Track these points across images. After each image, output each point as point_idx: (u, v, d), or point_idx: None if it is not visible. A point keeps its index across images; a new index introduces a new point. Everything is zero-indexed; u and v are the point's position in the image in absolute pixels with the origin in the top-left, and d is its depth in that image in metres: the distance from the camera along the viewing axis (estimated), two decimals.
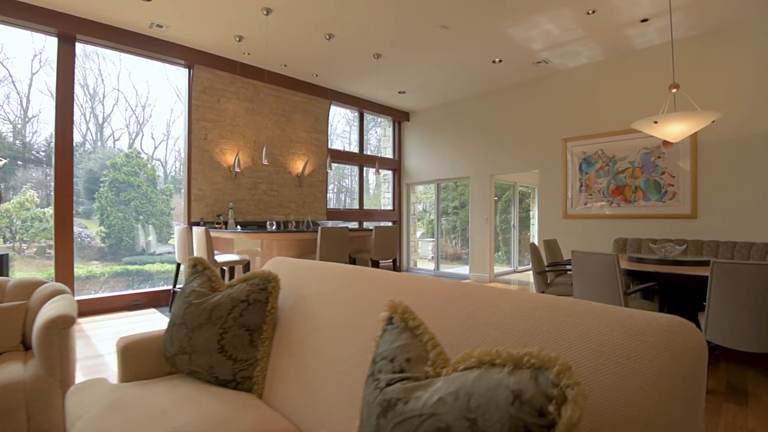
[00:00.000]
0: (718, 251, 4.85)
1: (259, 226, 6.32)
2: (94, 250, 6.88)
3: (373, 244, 4.94)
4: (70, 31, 4.80)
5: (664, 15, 4.56)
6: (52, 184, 4.84)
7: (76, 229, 6.40)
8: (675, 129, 3.82)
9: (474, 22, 4.81)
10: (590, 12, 4.54)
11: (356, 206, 8.42)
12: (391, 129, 9.08)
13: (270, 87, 6.56)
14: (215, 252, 5.15)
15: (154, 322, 4.56)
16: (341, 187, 9.46)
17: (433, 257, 11.65)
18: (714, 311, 2.64)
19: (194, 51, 5.71)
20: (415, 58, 5.93)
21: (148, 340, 1.88)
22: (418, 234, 11.32)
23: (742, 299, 2.50)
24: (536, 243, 8.67)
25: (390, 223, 9.07)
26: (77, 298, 5.02)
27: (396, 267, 5.32)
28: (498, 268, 8.71)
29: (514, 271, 8.81)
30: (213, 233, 5.22)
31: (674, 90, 3.93)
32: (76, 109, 4.97)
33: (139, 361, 1.81)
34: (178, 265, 5.04)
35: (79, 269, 5.99)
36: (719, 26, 4.93)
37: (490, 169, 7.40)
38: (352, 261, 5.33)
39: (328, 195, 7.64)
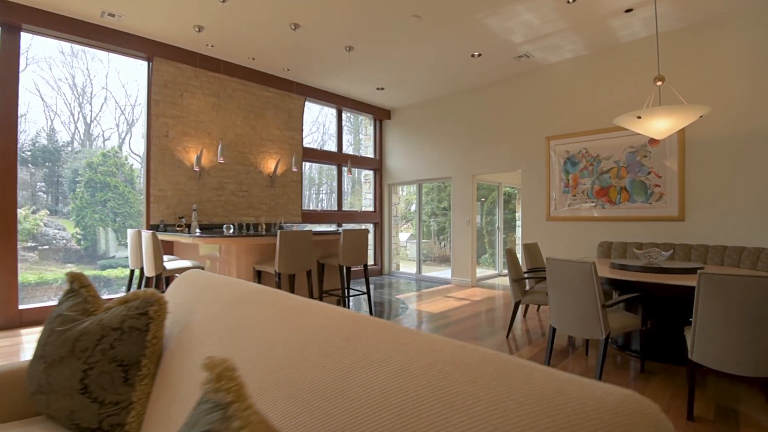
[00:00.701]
0: (707, 256, 4.58)
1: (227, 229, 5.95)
2: (70, 252, 6.54)
3: (341, 249, 4.60)
4: (13, 19, 4.42)
5: (649, 4, 4.28)
6: (40, 184, 4.46)
7: (51, 231, 6.02)
8: (660, 125, 3.53)
9: (448, 11, 4.49)
10: (571, 0, 4.25)
11: (335, 207, 8.07)
12: (372, 128, 8.75)
13: (238, 81, 6.20)
14: (172, 257, 4.79)
15: None
16: (332, 188, 9.13)
17: (423, 260, 11.37)
18: (701, 328, 2.34)
19: (153, 42, 5.34)
20: (389, 51, 5.61)
21: (12, 373, 1.53)
22: (407, 236, 11.02)
23: (733, 315, 2.20)
24: (519, 246, 8.32)
25: (361, 226, 8.74)
26: (22, 307, 4.64)
27: (366, 272, 4.99)
28: (483, 272, 8.41)
29: (499, 275, 8.52)
30: (171, 237, 4.85)
31: (659, 83, 3.64)
32: (64, 108, 4.62)
33: None
34: (132, 271, 4.67)
35: (50, 273, 5.66)
36: (707, 17, 4.65)
37: (472, 169, 7.10)
38: (321, 267, 4.99)
39: (319, 196, 7.30)
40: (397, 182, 8.54)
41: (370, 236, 8.80)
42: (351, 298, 5.59)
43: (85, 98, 6.25)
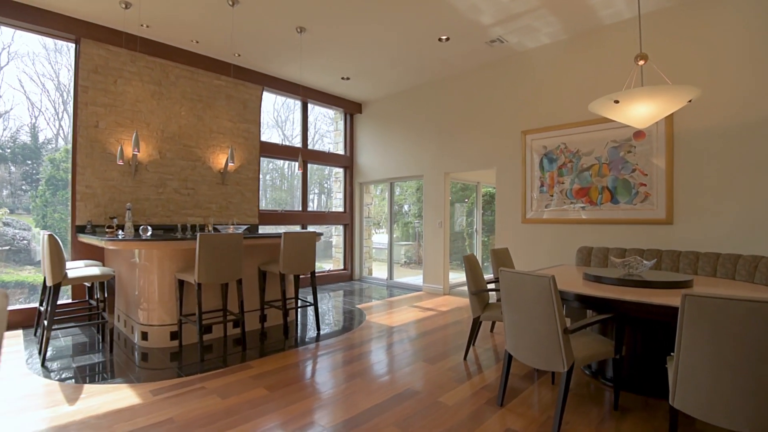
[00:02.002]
0: (698, 265, 4.04)
1: (167, 230, 5.35)
2: (30, 253, 5.96)
3: (282, 255, 4.01)
4: None
5: None
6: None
7: (10, 231, 5.46)
8: (641, 110, 2.97)
9: None
10: None
11: (299, 208, 7.48)
12: (342, 122, 8.17)
13: (182, 68, 5.60)
14: (92, 263, 4.18)
15: None
16: (323, 188, 8.54)
17: (405, 262, 10.78)
18: (686, 366, 1.78)
19: (79, 22, 4.73)
20: (346, 34, 5.03)
21: None
22: (386, 238, 10.42)
23: (726, 352, 1.64)
24: (484, 252, 7.66)
25: (332, 228, 8.16)
26: None
27: (314, 281, 4.38)
28: (459, 278, 7.85)
29: None
30: (88, 240, 4.25)
31: (641, 62, 3.10)
32: (48, 104, 4.07)
33: None
34: (45, 278, 4.06)
35: (5, 275, 5.24)
36: None
37: (445, 167, 6.54)
38: (262, 275, 4.39)
39: (310, 196, 6.70)
40: (369, 181, 7.97)
41: (340, 239, 8.22)
42: (299, 310, 4.99)
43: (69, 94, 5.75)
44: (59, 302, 4.88)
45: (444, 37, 5.07)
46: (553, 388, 2.89)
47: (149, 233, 3.83)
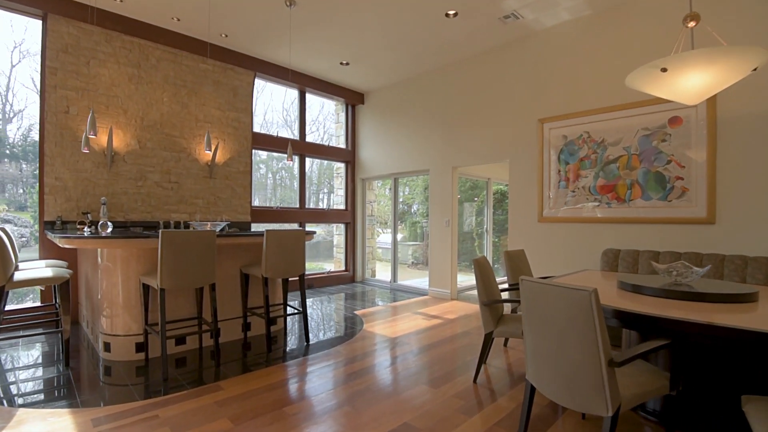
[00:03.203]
0: (746, 271, 3.46)
1: (148, 227, 4.88)
2: (30, 250, 5.61)
3: (265, 255, 3.50)
4: None
5: None
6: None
7: (7, 227, 5.12)
8: (694, 81, 2.41)
9: None
10: None
11: (297, 205, 6.97)
12: (343, 114, 7.65)
13: (164, 49, 5.12)
14: (57, 264, 3.70)
15: None
16: (331, 187, 8.03)
17: (413, 263, 10.23)
18: None
19: None
20: (341, 8, 4.50)
21: None
22: (399, 237, 9.91)
23: None
24: (500, 253, 7.07)
25: (331, 226, 7.64)
26: None
27: (302, 286, 3.86)
28: (468, 281, 7.29)
29: None
30: (55, 237, 3.78)
31: (692, 24, 2.53)
32: None
33: None
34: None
35: None
36: None
37: (453, 161, 5.98)
38: (245, 279, 3.89)
39: (319, 195, 6.22)
40: (371, 176, 7.44)
41: (341, 238, 7.70)
42: (288, 317, 4.48)
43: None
44: (24, 306, 4.44)
45: (452, 12, 4.52)
46: (585, 424, 2.34)
47: (109, 229, 3.34)
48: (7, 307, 4.35)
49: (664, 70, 2.49)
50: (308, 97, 6.99)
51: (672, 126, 4.13)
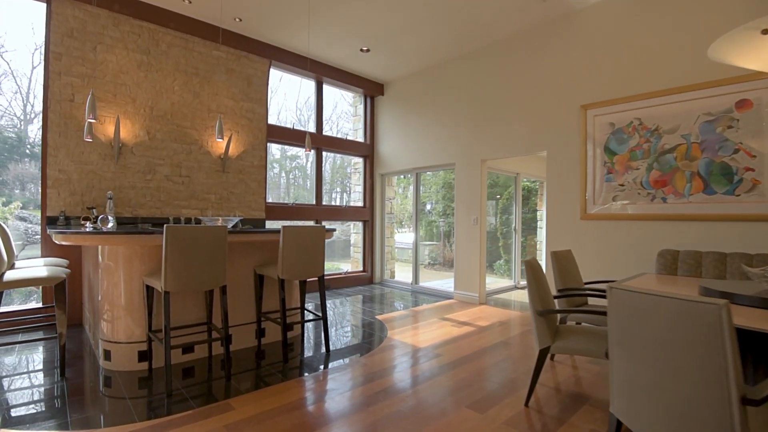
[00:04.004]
0: None
1: (157, 224, 4.57)
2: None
3: (281, 255, 3.12)
4: None
5: None
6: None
7: (23, 225, 5.00)
8: None
9: None
10: None
11: (314, 201, 6.61)
12: (362, 106, 7.26)
13: (174, 34, 4.80)
14: (54, 262, 3.40)
15: None
16: (344, 186, 7.68)
17: (429, 263, 9.79)
18: None
19: None
20: None
21: None
22: (412, 237, 9.50)
23: None
24: (542, 253, 6.63)
25: (348, 224, 7.26)
26: None
27: (322, 287, 3.46)
28: (495, 283, 6.84)
29: (515, 287, 6.91)
30: (52, 234, 3.47)
31: None
32: None
33: None
34: None
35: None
36: None
37: (482, 153, 5.54)
38: (259, 280, 3.52)
39: (333, 195, 5.87)
40: (392, 171, 7.03)
41: (359, 237, 7.32)
42: (305, 322, 4.10)
43: None
44: (26, 307, 4.16)
45: None
46: None
47: (110, 224, 3.00)
48: (8, 309, 4.07)
49: (765, 32, 2.03)
50: (322, 93, 6.61)
51: (740, 110, 3.63)
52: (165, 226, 2.54)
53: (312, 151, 6.52)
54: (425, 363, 3.20)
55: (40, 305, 4.18)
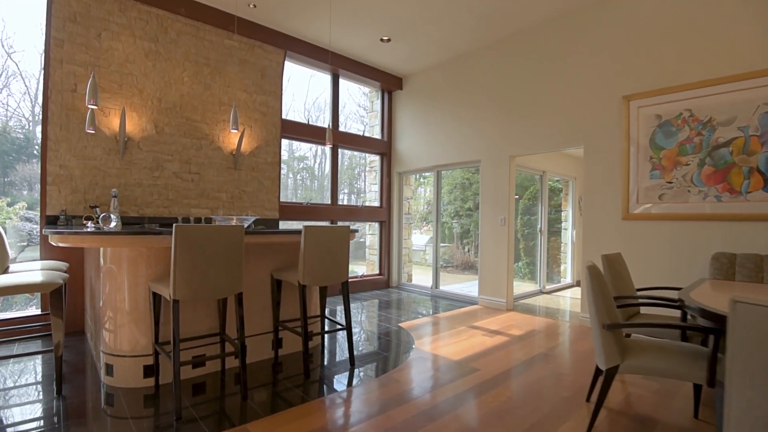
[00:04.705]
0: None
1: (165, 224, 4.27)
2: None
3: (303, 258, 2.80)
4: None
5: None
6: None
7: (28, 226, 4.80)
8: None
9: None
10: None
11: (328, 201, 6.29)
12: (379, 101, 6.94)
13: (185, 22, 4.51)
14: (51, 265, 3.10)
15: None
16: (353, 186, 7.36)
17: (443, 265, 9.47)
18: None
19: None
20: None
21: None
22: (425, 239, 9.19)
23: None
24: (568, 255, 6.28)
25: (366, 225, 6.93)
26: None
27: (346, 293, 3.13)
28: (517, 288, 6.47)
29: (541, 292, 6.55)
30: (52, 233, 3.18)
31: None
32: None
33: None
34: None
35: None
36: None
37: (511, 149, 5.19)
38: (276, 285, 3.20)
39: (339, 196, 5.56)
40: (410, 170, 6.70)
41: (375, 238, 6.99)
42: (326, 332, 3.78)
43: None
44: (24, 314, 3.87)
45: None
46: None
47: (113, 224, 2.70)
48: (4, 316, 3.79)
49: None
50: (338, 86, 6.30)
51: None
52: (174, 225, 2.23)
53: (327, 148, 6.21)
54: (462, 379, 2.86)
55: (38, 312, 3.89)
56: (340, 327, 3.23)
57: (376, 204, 6.95)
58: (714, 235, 3.64)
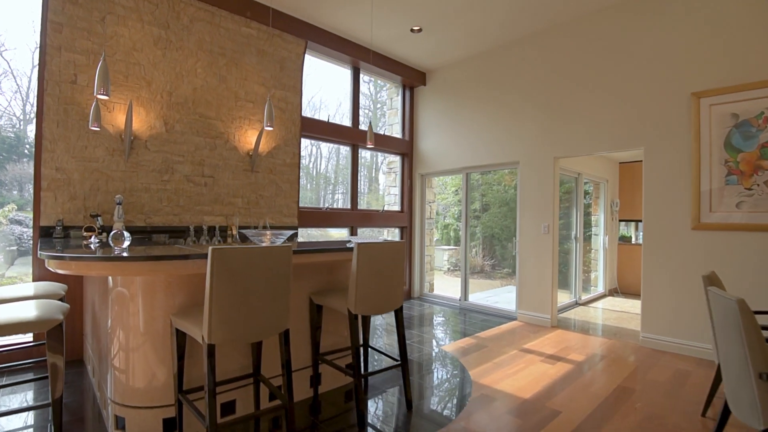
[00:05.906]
0: None
1: (175, 235, 3.77)
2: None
3: (356, 281, 2.32)
4: None
5: None
6: None
7: (18, 229, 4.56)
8: None
9: None
10: None
11: (348, 206, 5.81)
12: (399, 97, 6.47)
13: (198, 6, 4.00)
14: (58, 287, 2.59)
15: None
16: (368, 190, 6.87)
17: (449, 269, 9.02)
18: None
19: None
20: None
21: None
22: (438, 242, 8.73)
23: None
24: (600, 263, 5.85)
25: (350, 232, 6.45)
26: None
27: (400, 324, 2.65)
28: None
29: (576, 303, 6.11)
30: (48, 252, 2.66)
31: None
32: None
33: None
34: None
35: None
36: None
37: (554, 150, 4.74)
38: (317, 310, 2.71)
39: (326, 193, 5.09)
40: (435, 171, 6.23)
41: None
42: (367, 363, 3.29)
43: None
44: (12, 341, 3.34)
45: None
46: None
47: (126, 243, 2.19)
48: None
49: None
50: (359, 81, 5.81)
51: None
52: (210, 249, 1.73)
53: (347, 148, 5.73)
54: (548, 426, 2.39)
55: (30, 340, 3.36)
56: (396, 362, 2.75)
57: (396, 208, 6.47)
58: None
